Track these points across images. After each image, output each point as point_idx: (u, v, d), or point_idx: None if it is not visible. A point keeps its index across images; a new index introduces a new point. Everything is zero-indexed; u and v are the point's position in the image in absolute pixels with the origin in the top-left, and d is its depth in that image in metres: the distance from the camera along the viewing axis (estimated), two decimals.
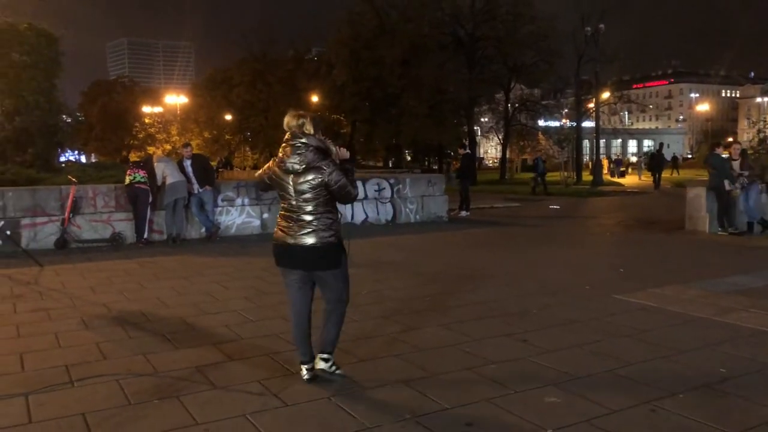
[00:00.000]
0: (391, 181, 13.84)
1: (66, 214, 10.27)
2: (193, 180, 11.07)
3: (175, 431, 3.46)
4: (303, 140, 4.07)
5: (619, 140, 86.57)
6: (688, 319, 5.67)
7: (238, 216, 11.92)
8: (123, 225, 10.84)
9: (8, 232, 9.98)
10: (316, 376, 4.20)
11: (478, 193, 25.48)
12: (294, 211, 4.09)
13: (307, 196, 4.05)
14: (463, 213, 15.87)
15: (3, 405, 3.81)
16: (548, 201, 21.27)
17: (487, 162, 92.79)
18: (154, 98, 76.06)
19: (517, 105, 39.57)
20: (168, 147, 78.16)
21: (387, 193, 13.67)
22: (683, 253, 9.61)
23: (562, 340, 5.06)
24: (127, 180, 10.68)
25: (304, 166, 4.03)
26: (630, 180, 38.58)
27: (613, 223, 14.13)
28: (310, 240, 4.04)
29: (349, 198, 4.18)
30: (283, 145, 4.19)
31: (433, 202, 14.29)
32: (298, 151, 4.06)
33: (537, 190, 25.29)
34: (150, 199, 10.54)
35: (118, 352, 4.86)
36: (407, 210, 13.92)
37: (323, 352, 4.28)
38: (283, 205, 4.20)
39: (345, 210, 12.90)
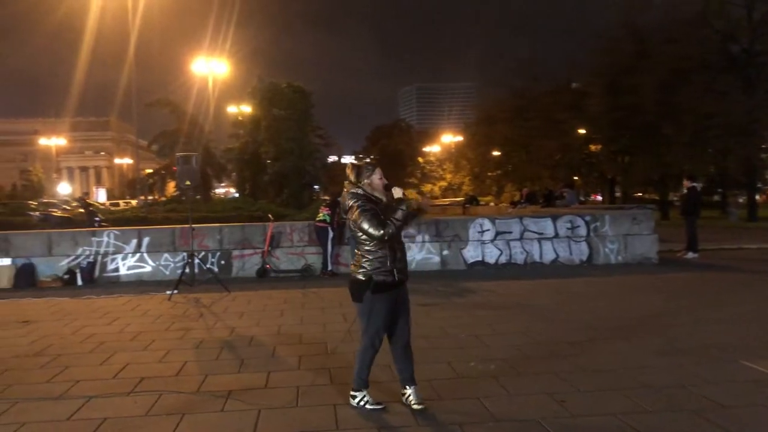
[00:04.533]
0: (587, 218, 12.91)
1: (265, 247, 11.83)
2: None
3: None
4: (346, 186, 4.63)
5: None
6: None
7: (418, 252, 12.33)
8: (314, 258, 12.05)
9: (222, 262, 11.89)
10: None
11: (745, 230, 22.13)
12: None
13: (354, 234, 4.54)
14: (690, 255, 13.97)
15: (63, 404, 4.75)
16: None
17: None
18: (430, 139, 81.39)
19: None
20: (444, 184, 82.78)
21: (582, 231, 12.79)
22: None
23: (606, 406, 4.43)
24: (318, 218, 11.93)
25: (345, 207, 4.59)
26: None
27: None
28: (352, 274, 4.56)
29: (371, 238, 4.41)
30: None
31: (639, 242, 12.92)
32: (347, 195, 4.61)
33: None
34: (330, 236, 11.56)
35: (192, 371, 5.61)
36: (606, 250, 12.82)
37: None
38: None
39: (532, 248, 12.47)
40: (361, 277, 4.46)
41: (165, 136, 32.00)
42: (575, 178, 48.21)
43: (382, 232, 4.37)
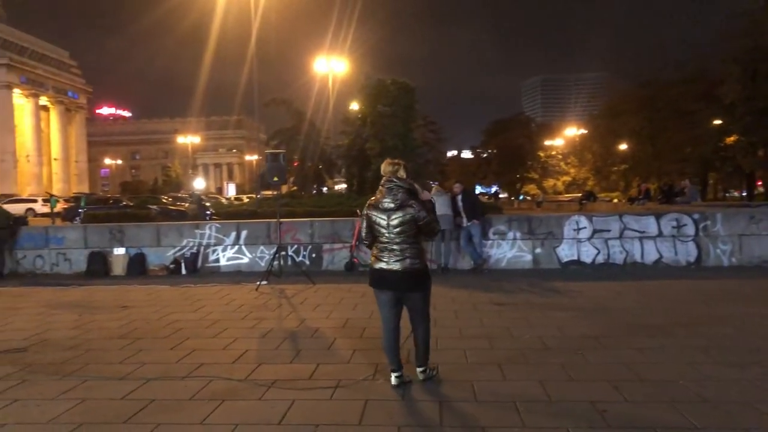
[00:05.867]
0: (695, 216, 11.93)
1: (353, 242, 12.05)
2: (462, 214, 11.70)
3: (177, 425, 4.23)
4: (396, 183, 4.84)
5: None
6: None
7: (509, 249, 12.02)
8: None
9: (313, 255, 12.28)
10: (403, 383, 4.92)
11: None
12: (388, 243, 4.80)
13: (399, 230, 4.75)
14: None
15: (124, 384, 5.15)
16: None
17: None
18: (552, 132, 78.76)
19: None
20: (567, 179, 79.89)
21: (689, 230, 11.85)
22: None
23: (650, 420, 4.14)
24: None
25: (396, 204, 4.78)
26: None
27: None
28: (400, 266, 4.75)
29: (433, 232, 4.89)
30: (380, 187, 4.94)
31: (757, 243, 11.76)
32: (392, 193, 4.83)
33: None
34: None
35: (249, 359, 5.87)
36: (718, 251, 11.79)
37: (419, 367, 5.04)
38: (379, 237, 4.88)
39: (633, 248, 11.79)
40: (420, 266, 4.80)
41: (281, 133, 33.51)
42: (710, 173, 44.84)
43: (440, 226, 4.94)
